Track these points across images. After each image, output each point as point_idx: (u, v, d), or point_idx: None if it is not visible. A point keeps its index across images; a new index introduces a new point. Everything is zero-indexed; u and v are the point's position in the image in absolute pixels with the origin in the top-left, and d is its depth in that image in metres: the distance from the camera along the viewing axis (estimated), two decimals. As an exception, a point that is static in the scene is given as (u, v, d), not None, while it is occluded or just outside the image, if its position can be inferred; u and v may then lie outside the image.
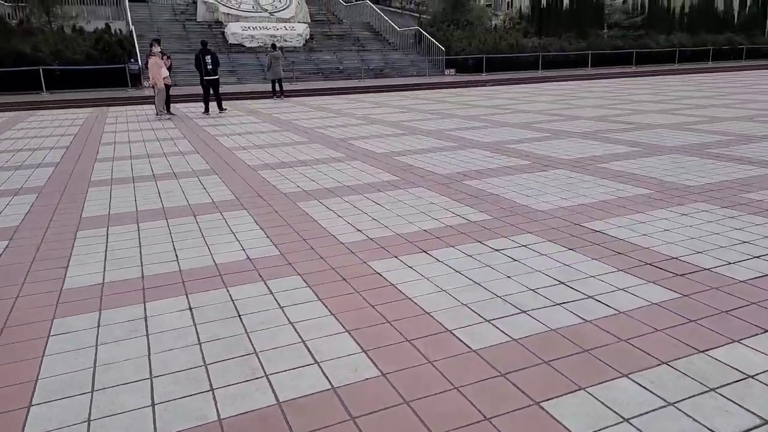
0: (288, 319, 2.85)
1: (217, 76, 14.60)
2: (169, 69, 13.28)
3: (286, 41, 27.08)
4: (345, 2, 34.60)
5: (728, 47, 29.58)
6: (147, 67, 12.58)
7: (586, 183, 5.53)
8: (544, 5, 28.95)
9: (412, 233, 4.16)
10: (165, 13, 29.80)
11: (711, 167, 6.06)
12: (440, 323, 2.75)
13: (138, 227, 4.53)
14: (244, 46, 26.32)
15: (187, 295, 3.17)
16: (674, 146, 7.40)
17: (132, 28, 22.97)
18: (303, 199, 5.25)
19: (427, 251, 3.77)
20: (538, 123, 10.21)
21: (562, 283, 3.19)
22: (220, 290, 3.23)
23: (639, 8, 29.46)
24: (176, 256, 3.83)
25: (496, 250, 3.76)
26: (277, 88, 18.10)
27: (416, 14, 41.33)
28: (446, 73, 26.41)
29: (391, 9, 44.82)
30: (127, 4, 26.00)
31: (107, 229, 4.50)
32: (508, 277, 3.31)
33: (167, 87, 12.98)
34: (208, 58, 14.40)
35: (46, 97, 18.09)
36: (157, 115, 12.75)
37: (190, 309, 3.00)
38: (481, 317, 2.80)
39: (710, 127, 9.04)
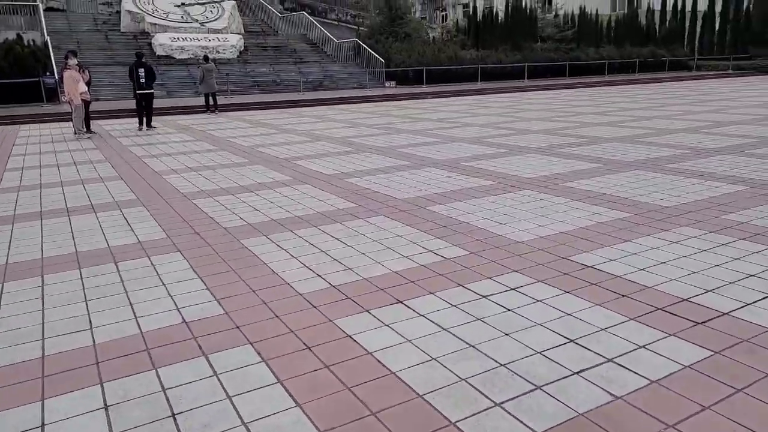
0: (240, 419, 2.17)
1: (151, 90, 13.63)
2: (88, 83, 12.04)
3: (219, 53, 25.96)
4: (280, 13, 33.79)
5: (652, 59, 31.04)
6: (62, 82, 11.32)
7: (559, 206, 5.12)
8: (480, 19, 29.30)
9: (382, 277, 3.56)
10: (85, 24, 27.88)
11: (679, 184, 5.83)
12: (440, 412, 2.16)
13: (42, 282, 3.66)
14: (174, 58, 24.98)
15: (102, 385, 2.41)
16: (633, 161, 7.21)
17: (47, 38, 21.18)
18: (248, 235, 4.53)
19: (404, 302, 3.17)
20: (489, 137, 9.89)
21: (572, 341, 2.67)
22: (147, 374, 2.50)
23: (569, 22, 30.37)
24: (90, 323, 3.03)
25: (483, 296, 3.21)
26: (211, 102, 17.09)
27: (353, 26, 41.05)
28: (387, 85, 26.12)
29: (327, 21, 44.36)
30: (41, 13, 24.05)
31: (1, 287, 3.62)
32: (506, 334, 2.76)
33: (86, 103, 11.76)
34: (142, 71, 13.44)
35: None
36: (76, 134, 11.50)
37: (106, 407, 2.25)
38: (489, 399, 2.23)
39: (660, 139, 9.01)
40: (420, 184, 6.25)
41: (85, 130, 11.86)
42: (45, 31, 22.82)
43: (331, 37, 29.16)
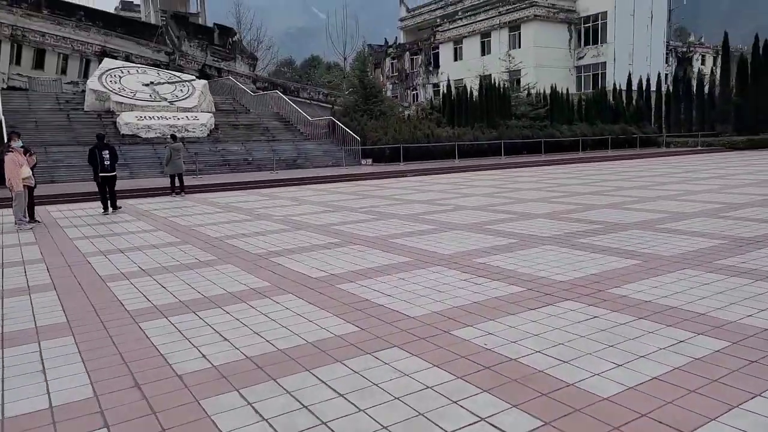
0: None
1: (114, 173, 12.43)
2: (33, 167, 10.69)
3: (188, 131, 25.05)
4: (252, 92, 33.50)
5: (623, 136, 31.50)
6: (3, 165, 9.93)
7: (632, 329, 3.90)
8: (454, 97, 29.44)
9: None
10: (47, 103, 26.83)
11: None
12: None
13: None
14: (140, 137, 23.91)
15: None
16: (678, 256, 6.14)
17: (1, 117, 19.89)
18: (216, 393, 3.13)
19: None
20: (491, 223, 8.82)
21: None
22: None
23: (542, 100, 30.81)
24: None
25: None
26: (177, 183, 15.83)
27: (326, 105, 41.17)
28: (363, 162, 25.44)
29: (299, 99, 44.55)
30: (-2, 91, 22.87)
31: None
32: None
33: (29, 189, 10.35)
34: (106, 153, 12.44)
35: None
36: (16, 224, 9.96)
37: None
38: None
39: (690, 224, 8.07)
40: (432, 293, 4.98)
41: (27, 219, 10.35)
42: (0, 110, 21.56)
43: (305, 115, 28.74)
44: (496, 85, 29.70)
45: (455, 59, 50.75)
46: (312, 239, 7.94)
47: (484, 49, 48.06)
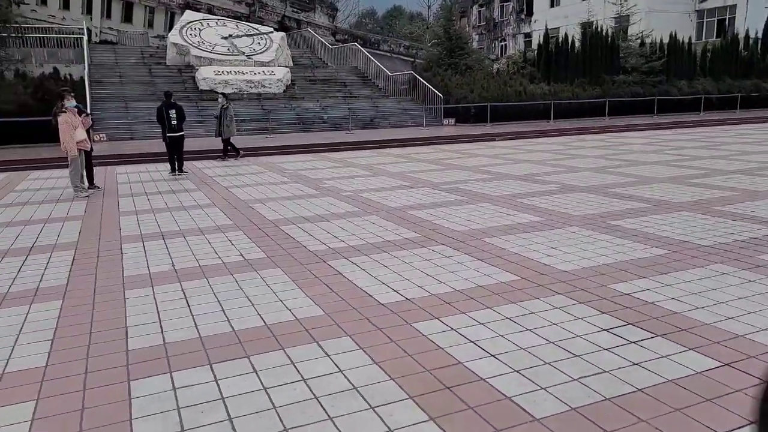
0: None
1: (182, 133, 11.49)
2: (89, 129, 9.78)
3: (264, 87, 24.03)
4: (331, 45, 31.88)
5: (756, 94, 26.94)
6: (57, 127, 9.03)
7: None
8: (552, 49, 26.24)
9: None
10: (132, 57, 26.68)
11: None
12: None
13: None
14: (217, 92, 23.08)
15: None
16: None
17: (85, 72, 19.65)
18: None
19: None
20: (618, 216, 6.77)
21: None
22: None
23: (657, 51, 26.81)
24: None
25: None
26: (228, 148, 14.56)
27: (407, 58, 38.86)
28: (446, 123, 23.36)
29: (379, 52, 42.47)
30: (85, 45, 22.78)
31: None
32: None
33: (86, 153, 9.48)
34: (173, 112, 11.39)
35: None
36: (75, 190, 9.13)
37: None
38: None
39: None
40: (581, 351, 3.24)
41: (86, 185, 9.55)
42: (86, 64, 21.43)
43: (384, 69, 26.80)
44: (603, 33, 26.06)
45: (552, 5, 46.05)
46: (383, 230, 6.33)
47: (587, -6, 43.09)
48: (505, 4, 52.40)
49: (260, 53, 26.49)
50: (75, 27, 25.85)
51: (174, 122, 11.38)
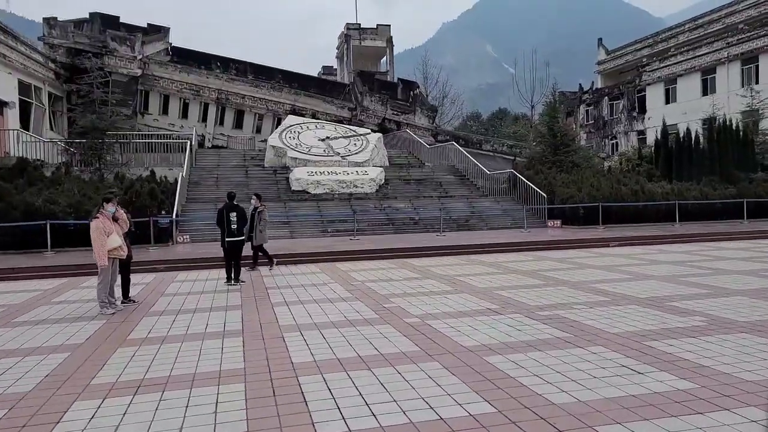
0: None
1: (242, 237, 10.50)
2: (127, 233, 8.75)
3: (356, 186, 23.49)
4: (429, 145, 31.40)
5: None
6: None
7: None
8: (672, 145, 23.50)
9: None
10: (234, 159, 27.80)
11: None
12: None
13: None
14: (308, 193, 22.93)
15: None
16: None
17: (181, 174, 20.25)
18: None
19: None
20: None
21: None
22: None
23: (802, 145, 23.15)
24: None
25: None
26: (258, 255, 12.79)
27: (509, 157, 37.51)
28: (550, 224, 21.04)
29: (481, 152, 41.59)
30: (188, 149, 23.92)
31: None
32: None
33: (122, 262, 8.42)
34: (234, 215, 10.49)
35: (44, 258, 14.68)
36: (102, 306, 8.07)
37: None
38: None
39: None
40: None
41: (119, 299, 8.45)
42: (186, 166, 22.28)
43: (482, 167, 25.42)
44: (733, 126, 22.98)
45: (667, 102, 43.27)
46: (442, 396, 4.33)
47: (707, 88, 39.99)
48: (614, 102, 50.30)
49: (355, 153, 26.41)
50: (187, 133, 27.62)
51: (234, 226, 10.45)
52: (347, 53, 50.64)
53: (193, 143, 26.71)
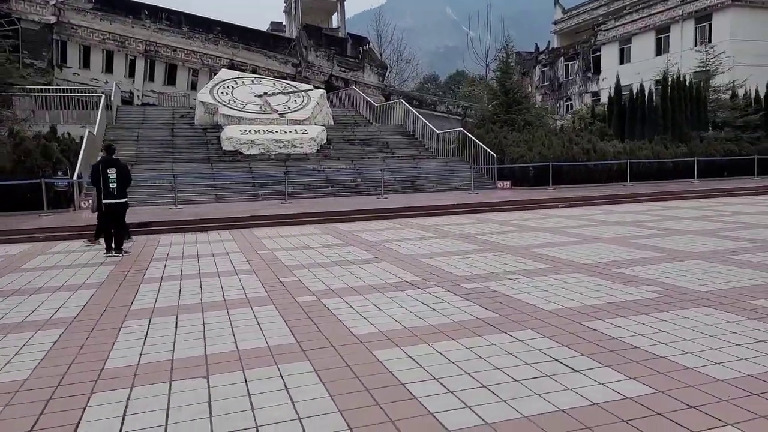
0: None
1: (123, 200, 8.71)
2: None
3: (295, 146, 21.71)
4: (377, 104, 29.71)
5: None
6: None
7: None
8: (625, 103, 22.60)
9: None
10: (161, 117, 25.41)
11: None
12: None
13: None
14: (242, 153, 21.01)
15: None
16: None
17: (88, 132, 17.96)
18: None
19: None
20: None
21: None
22: None
23: (753, 104, 22.60)
24: None
25: None
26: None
27: (466, 118, 36.21)
28: (500, 185, 19.92)
29: (436, 113, 40.21)
30: (101, 105, 21.47)
31: None
32: None
33: None
34: (113, 172, 8.63)
35: None
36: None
37: None
38: None
39: None
40: None
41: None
42: (97, 124, 19.94)
43: (431, 126, 24.01)
44: (687, 84, 22.21)
45: (621, 62, 42.66)
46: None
47: (660, 48, 39.51)
48: (569, 63, 49.51)
49: (295, 111, 24.50)
50: (106, 89, 24.97)
51: (113, 185, 8.65)
52: (295, 7, 47.63)
53: (112, 99, 24.19)
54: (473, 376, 3.36)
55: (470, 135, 21.79)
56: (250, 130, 21.92)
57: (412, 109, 26.53)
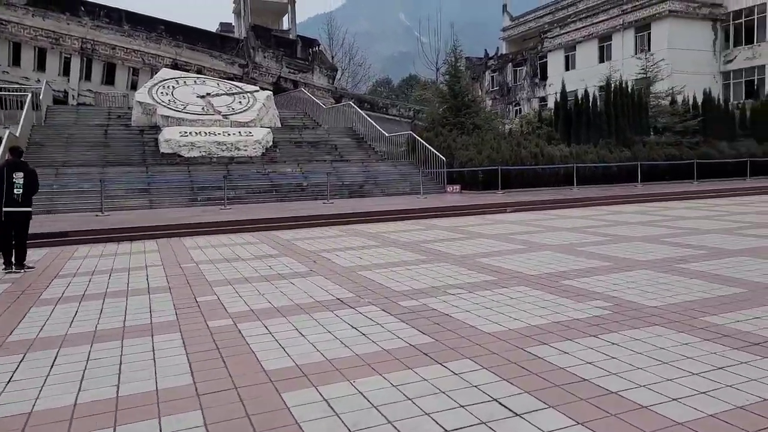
0: None
1: (29, 209, 7.72)
2: None
3: (239, 149, 20.78)
4: (326, 106, 29.05)
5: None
6: None
7: None
8: (570, 107, 22.81)
9: None
10: (96, 118, 23.96)
11: None
12: None
13: None
14: (181, 156, 19.91)
15: None
16: None
17: (8, 133, 16.52)
18: None
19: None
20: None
21: None
22: None
23: (691, 109, 23.25)
24: None
25: None
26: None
27: (417, 121, 35.96)
28: (449, 189, 19.64)
29: (387, 117, 39.92)
30: (27, 105, 19.91)
31: None
32: None
33: None
34: (19, 177, 7.64)
35: None
36: None
37: None
38: None
39: None
40: None
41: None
42: (20, 124, 18.42)
43: (380, 129, 23.55)
44: (629, 90, 22.62)
45: (567, 68, 43.65)
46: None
47: (603, 55, 40.61)
48: (518, 69, 50.28)
49: (240, 113, 23.54)
50: (36, 88, 23.29)
51: (18, 191, 7.67)
52: (245, 7, 46.34)
53: (41, 98, 22.59)
54: (396, 427, 2.80)
55: (419, 138, 21.45)
56: (190, 132, 20.84)
57: (362, 112, 26.01)
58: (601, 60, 40.13)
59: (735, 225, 10.34)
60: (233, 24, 54.93)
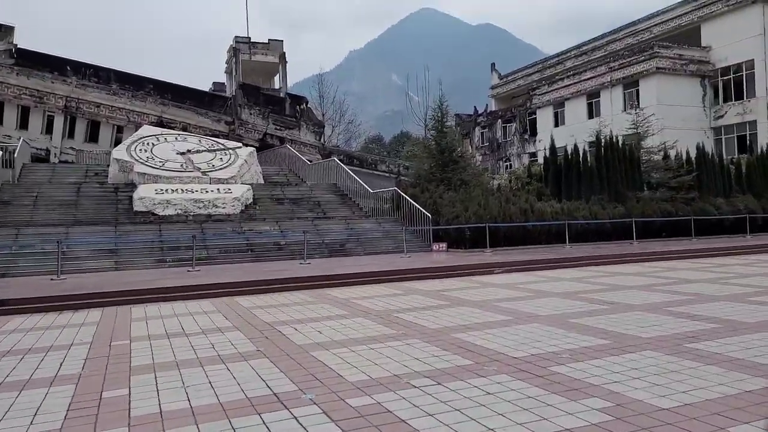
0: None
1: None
2: None
3: (216, 207, 19.94)
4: (311, 162, 28.54)
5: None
6: None
7: None
8: (560, 162, 22.28)
9: None
10: (73, 175, 23.23)
11: None
12: None
13: None
14: (155, 215, 19.02)
15: None
16: None
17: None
18: None
19: None
20: None
21: None
22: None
23: (685, 165, 22.77)
24: None
25: None
26: None
27: (404, 177, 35.48)
28: (435, 248, 18.71)
29: (376, 173, 39.53)
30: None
31: None
32: None
33: None
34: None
35: None
36: None
37: None
38: None
39: None
40: None
41: None
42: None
43: (364, 185, 22.85)
44: (620, 144, 22.19)
45: (556, 124, 43.84)
46: None
47: (592, 111, 40.83)
48: (507, 125, 50.58)
49: (220, 169, 22.88)
50: (12, 145, 22.66)
51: None
52: (236, 67, 46.83)
53: (15, 155, 21.91)
54: None
55: (404, 194, 20.72)
56: (166, 189, 20.03)
57: (346, 167, 25.41)
58: (591, 116, 40.29)
59: (745, 290, 9.38)
60: (225, 83, 55.59)
